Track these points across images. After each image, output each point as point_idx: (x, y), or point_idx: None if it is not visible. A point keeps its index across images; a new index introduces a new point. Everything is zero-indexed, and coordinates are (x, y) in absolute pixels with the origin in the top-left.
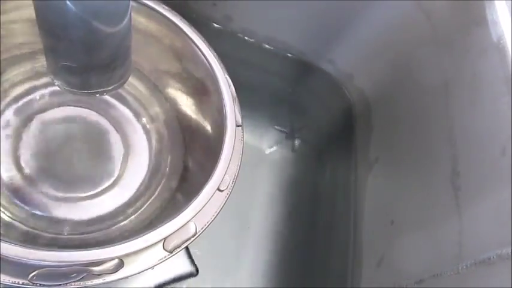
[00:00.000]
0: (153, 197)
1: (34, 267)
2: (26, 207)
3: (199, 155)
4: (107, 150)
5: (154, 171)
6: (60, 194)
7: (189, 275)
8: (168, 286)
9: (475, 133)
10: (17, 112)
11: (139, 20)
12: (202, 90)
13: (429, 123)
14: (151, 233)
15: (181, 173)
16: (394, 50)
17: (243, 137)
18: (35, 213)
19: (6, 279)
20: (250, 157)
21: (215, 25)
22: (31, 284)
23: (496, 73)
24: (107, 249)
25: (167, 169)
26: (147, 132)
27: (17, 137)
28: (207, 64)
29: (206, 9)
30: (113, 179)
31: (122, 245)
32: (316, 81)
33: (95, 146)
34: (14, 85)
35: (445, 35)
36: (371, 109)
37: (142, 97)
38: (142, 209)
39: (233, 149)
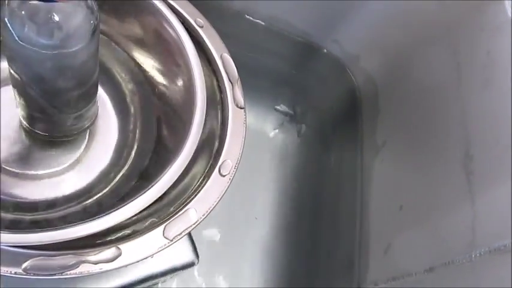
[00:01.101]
0: (123, 170)
1: (28, 255)
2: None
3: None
4: None
5: (122, 145)
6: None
7: (190, 264)
8: (168, 275)
9: (489, 114)
10: None
11: None
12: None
13: (440, 105)
14: (138, 198)
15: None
16: (402, 31)
17: (245, 120)
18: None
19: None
20: (253, 141)
21: (217, 5)
22: (24, 273)
23: (510, 51)
24: (101, 219)
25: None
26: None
27: None
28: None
29: None
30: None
31: (115, 212)
32: (321, 63)
33: None
34: None
35: (457, 15)
36: (378, 91)
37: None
38: (114, 181)
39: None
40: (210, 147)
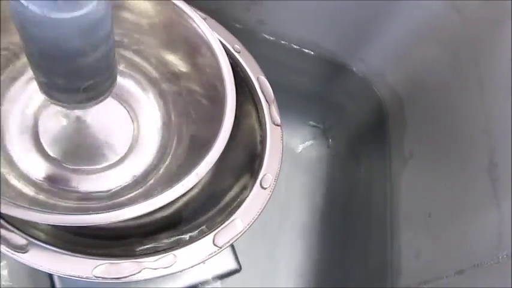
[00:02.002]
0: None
1: (97, 262)
2: (56, 187)
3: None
4: (118, 124)
5: (164, 145)
6: (84, 168)
7: (234, 272)
8: (213, 282)
9: (510, 123)
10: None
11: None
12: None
13: (463, 115)
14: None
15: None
16: (425, 47)
17: (282, 136)
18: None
19: (73, 273)
20: (285, 155)
21: (249, 29)
22: (95, 278)
23: None
24: (153, 199)
25: (174, 146)
26: (152, 107)
27: (34, 118)
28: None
29: (240, 15)
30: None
31: (163, 194)
32: (348, 80)
33: (107, 124)
34: (20, 74)
35: (477, 31)
36: (403, 105)
37: (154, 80)
38: (161, 171)
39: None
40: (252, 163)
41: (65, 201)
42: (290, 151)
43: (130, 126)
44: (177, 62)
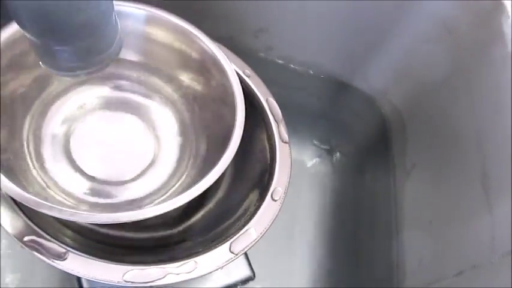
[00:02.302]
0: (184, 175)
1: (126, 268)
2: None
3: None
4: (141, 140)
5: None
6: (112, 180)
7: (248, 279)
8: None
9: (500, 137)
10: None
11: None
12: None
13: (458, 129)
14: (202, 181)
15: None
16: (422, 65)
17: (290, 153)
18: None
19: (105, 278)
20: (295, 169)
21: (258, 54)
22: (125, 282)
23: None
24: (174, 199)
25: (192, 158)
26: (171, 125)
27: (66, 140)
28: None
29: (250, 42)
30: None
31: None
32: (352, 98)
33: (131, 137)
34: (59, 94)
35: (468, 50)
36: (404, 121)
37: (173, 101)
38: (181, 180)
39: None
40: (263, 177)
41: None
42: (300, 167)
43: (152, 141)
44: (192, 84)
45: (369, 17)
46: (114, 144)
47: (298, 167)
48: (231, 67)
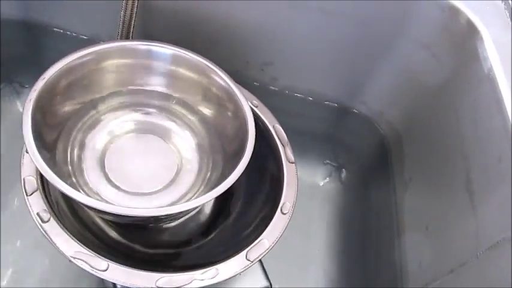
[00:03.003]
0: (203, 186)
1: (158, 276)
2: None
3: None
4: (166, 158)
5: (200, 172)
6: (141, 192)
7: None
8: None
9: (480, 146)
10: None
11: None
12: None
13: (446, 143)
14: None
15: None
16: (412, 87)
17: (297, 172)
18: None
19: (141, 285)
20: (306, 190)
21: (264, 86)
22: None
23: (489, 98)
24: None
25: (209, 172)
26: (192, 146)
27: (102, 156)
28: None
29: (255, 74)
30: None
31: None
32: (353, 121)
33: (157, 156)
34: (100, 117)
35: (450, 70)
36: (402, 139)
37: (194, 127)
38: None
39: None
40: (273, 194)
41: None
42: (313, 187)
43: (176, 159)
44: (210, 113)
45: (362, 48)
46: (142, 161)
47: (312, 188)
48: (246, 101)
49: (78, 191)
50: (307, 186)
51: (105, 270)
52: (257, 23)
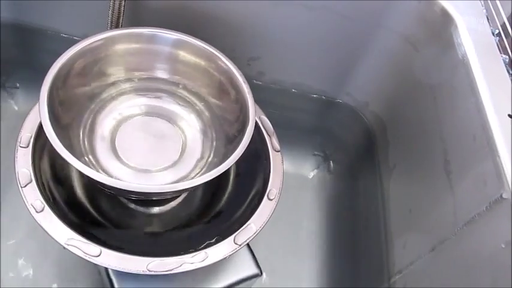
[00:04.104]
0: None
1: (149, 260)
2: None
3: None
4: (171, 139)
5: (204, 152)
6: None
7: (256, 276)
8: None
9: (456, 128)
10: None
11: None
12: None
13: (425, 129)
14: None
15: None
16: (394, 76)
17: (282, 160)
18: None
19: (133, 269)
20: (295, 181)
21: (251, 80)
22: (148, 271)
23: (464, 82)
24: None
25: (213, 152)
26: (196, 127)
27: (113, 135)
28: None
29: (242, 69)
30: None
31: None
32: (339, 112)
33: (163, 137)
34: (111, 100)
35: (428, 58)
36: (386, 127)
37: (199, 111)
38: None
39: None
40: (260, 181)
41: None
42: (302, 178)
43: (180, 140)
44: (213, 97)
45: (345, 41)
46: (149, 142)
47: (301, 179)
48: (247, 85)
49: (90, 168)
50: (296, 178)
51: (98, 255)
52: (243, 19)
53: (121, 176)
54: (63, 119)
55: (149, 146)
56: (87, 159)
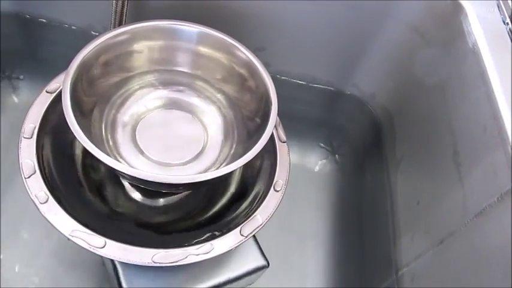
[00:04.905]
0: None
1: (154, 252)
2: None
3: None
4: (192, 132)
5: (225, 145)
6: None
7: (263, 267)
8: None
9: (466, 118)
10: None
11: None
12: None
13: (434, 120)
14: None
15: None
16: (401, 67)
17: (288, 150)
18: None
19: (138, 260)
20: (302, 173)
21: None
22: (153, 263)
23: (474, 71)
24: (221, 169)
25: (234, 145)
26: (216, 120)
27: (134, 128)
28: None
29: None
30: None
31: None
32: (346, 103)
33: (184, 130)
34: (133, 93)
35: (437, 48)
36: (393, 119)
37: (220, 104)
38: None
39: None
40: (266, 172)
41: None
42: (309, 170)
43: (201, 134)
44: (233, 90)
45: (351, 31)
46: (170, 135)
47: (307, 171)
48: (268, 74)
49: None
50: (302, 170)
51: (103, 247)
52: (249, 9)
53: (142, 169)
54: (85, 111)
55: (170, 140)
56: (108, 149)
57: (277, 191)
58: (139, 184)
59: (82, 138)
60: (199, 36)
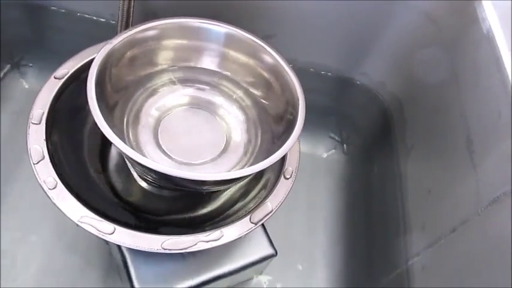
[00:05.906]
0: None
1: (164, 238)
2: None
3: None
4: (215, 132)
5: (247, 147)
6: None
7: (271, 256)
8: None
9: (480, 105)
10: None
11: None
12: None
13: (445, 106)
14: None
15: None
16: (413, 54)
17: (299, 140)
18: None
19: (147, 247)
20: (311, 162)
21: None
22: (162, 249)
23: (489, 58)
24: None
25: (257, 148)
26: (240, 122)
27: (156, 125)
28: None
29: None
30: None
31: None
32: (355, 92)
33: (207, 130)
34: (157, 90)
35: (449, 35)
36: (403, 107)
37: (244, 105)
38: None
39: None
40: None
41: None
42: (318, 159)
43: (224, 134)
44: (258, 92)
45: (361, 18)
46: (193, 134)
47: (316, 160)
48: (295, 75)
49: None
50: (311, 159)
51: (112, 233)
52: None
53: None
54: (108, 104)
55: (192, 139)
56: (128, 142)
57: (287, 179)
58: (166, 183)
59: (109, 133)
60: (227, 37)
